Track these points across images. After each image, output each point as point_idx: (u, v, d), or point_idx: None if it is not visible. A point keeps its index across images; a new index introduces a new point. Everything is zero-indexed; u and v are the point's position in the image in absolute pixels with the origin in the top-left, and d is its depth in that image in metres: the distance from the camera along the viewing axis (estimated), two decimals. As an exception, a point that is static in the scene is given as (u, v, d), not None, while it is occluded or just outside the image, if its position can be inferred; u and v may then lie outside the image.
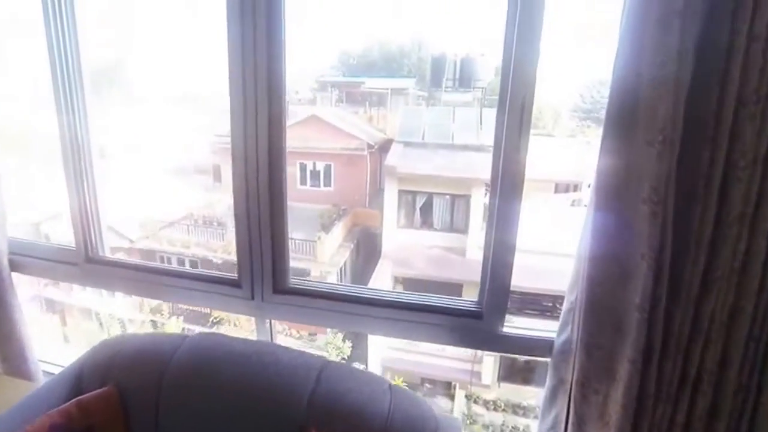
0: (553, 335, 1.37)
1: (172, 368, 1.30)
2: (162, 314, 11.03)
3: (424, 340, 1.55)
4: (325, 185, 13.39)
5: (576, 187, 11.14)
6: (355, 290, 1.60)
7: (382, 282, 10.12)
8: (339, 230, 11.60)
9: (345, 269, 12.06)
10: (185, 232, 11.52)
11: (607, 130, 1.06)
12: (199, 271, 1.91)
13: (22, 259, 2.01)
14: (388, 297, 1.55)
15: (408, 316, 1.50)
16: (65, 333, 12.28)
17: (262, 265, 1.60)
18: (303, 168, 13.43)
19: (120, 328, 11.99)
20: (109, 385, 1.32)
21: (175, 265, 11.92)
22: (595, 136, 12.90)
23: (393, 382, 1.34)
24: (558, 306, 10.08)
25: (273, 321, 1.80)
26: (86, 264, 1.92)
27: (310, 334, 11.10)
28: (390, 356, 10.41)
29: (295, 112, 14.95)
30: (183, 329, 11.06)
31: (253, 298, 1.65)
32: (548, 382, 1.35)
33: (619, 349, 1.11)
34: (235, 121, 1.50)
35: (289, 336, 11.40)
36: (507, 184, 1.33)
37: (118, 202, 12.58)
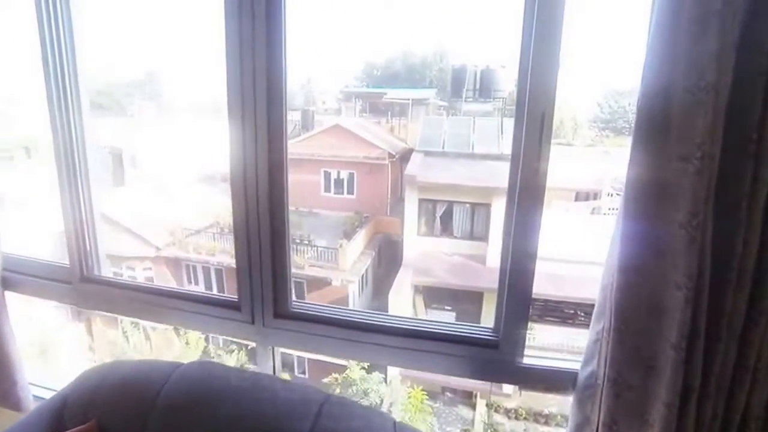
0: (577, 366, 1.22)
1: (159, 402, 1.19)
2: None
3: (436, 372, 1.44)
4: (348, 193, 13.54)
5: (596, 195, 11.03)
6: (361, 316, 1.49)
7: (402, 290, 10.05)
8: (361, 238, 11.76)
9: (366, 277, 12.05)
10: (211, 239, 11.62)
11: (636, 142, 0.93)
12: (198, 292, 1.88)
13: (16, 276, 1.90)
14: (396, 324, 1.44)
15: (418, 345, 1.40)
16: (90, 343, 12.50)
17: (262, 287, 1.53)
18: (327, 176, 13.58)
19: (143, 335, 12.14)
20: (90, 421, 1.21)
21: (200, 274, 12.06)
22: (613, 145, 12.80)
23: (398, 420, 1.21)
24: (580, 313, 9.93)
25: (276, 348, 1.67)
26: (81, 284, 1.82)
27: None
28: (410, 366, 10.28)
29: (321, 121, 15.24)
30: (206, 336, 11.16)
31: (253, 322, 1.57)
32: (572, 418, 1.21)
33: (652, 390, 0.98)
34: (234, 132, 1.41)
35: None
36: (526, 197, 1.20)
37: (147, 209, 12.82)
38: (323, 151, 13.18)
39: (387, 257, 12.86)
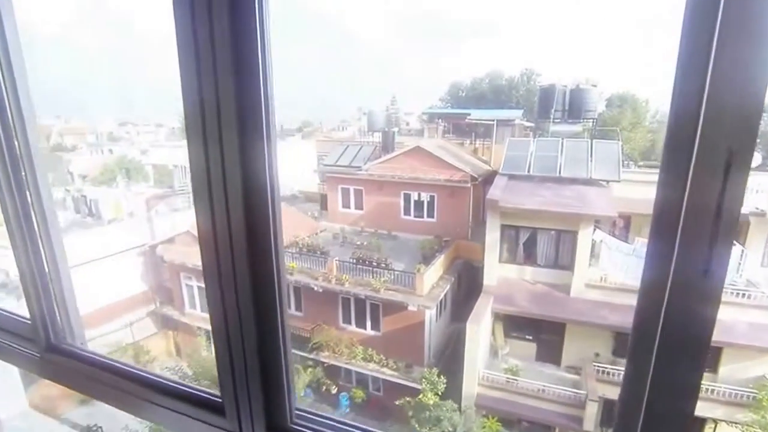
0: None
1: None
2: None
3: None
4: (428, 216, 13.59)
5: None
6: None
7: (481, 317, 9.80)
8: (440, 262, 11.56)
9: (445, 302, 11.93)
10: (290, 259, 11.99)
11: None
12: (177, 383, 1.32)
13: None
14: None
15: None
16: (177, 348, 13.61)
17: (249, 392, 1.12)
18: (407, 198, 13.71)
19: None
20: None
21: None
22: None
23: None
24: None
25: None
26: (47, 353, 1.45)
27: (407, 366, 11.01)
28: (484, 394, 10.03)
29: (404, 143, 15.25)
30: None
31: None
32: None
33: None
34: (196, 170, 0.96)
35: (385, 366, 11.40)
36: (694, 234, 0.77)
37: None
38: (404, 173, 13.30)
39: (467, 283, 12.69)
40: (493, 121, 14.85)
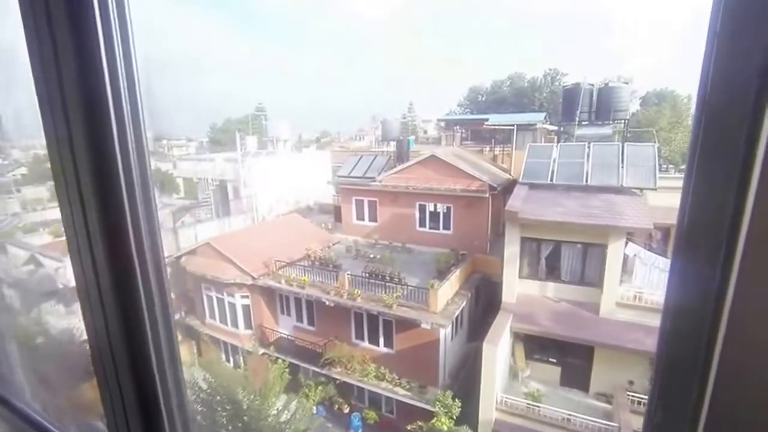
0: None
1: None
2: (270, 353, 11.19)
3: None
4: (444, 228, 13.03)
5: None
6: None
7: (500, 337, 9.06)
8: (456, 277, 10.91)
9: (461, 319, 11.27)
10: (302, 272, 11.60)
11: None
12: None
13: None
14: None
15: None
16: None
17: None
18: (422, 210, 13.23)
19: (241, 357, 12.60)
20: None
21: (292, 305, 12.01)
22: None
23: None
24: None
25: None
26: None
27: (420, 386, 10.40)
28: (503, 420, 9.27)
29: (420, 151, 14.78)
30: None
31: None
32: None
33: None
34: (61, 194, 0.82)
35: (398, 386, 10.79)
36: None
37: (245, 239, 13.34)
38: (418, 184, 12.81)
39: (484, 300, 11.95)
40: (513, 126, 14.05)
